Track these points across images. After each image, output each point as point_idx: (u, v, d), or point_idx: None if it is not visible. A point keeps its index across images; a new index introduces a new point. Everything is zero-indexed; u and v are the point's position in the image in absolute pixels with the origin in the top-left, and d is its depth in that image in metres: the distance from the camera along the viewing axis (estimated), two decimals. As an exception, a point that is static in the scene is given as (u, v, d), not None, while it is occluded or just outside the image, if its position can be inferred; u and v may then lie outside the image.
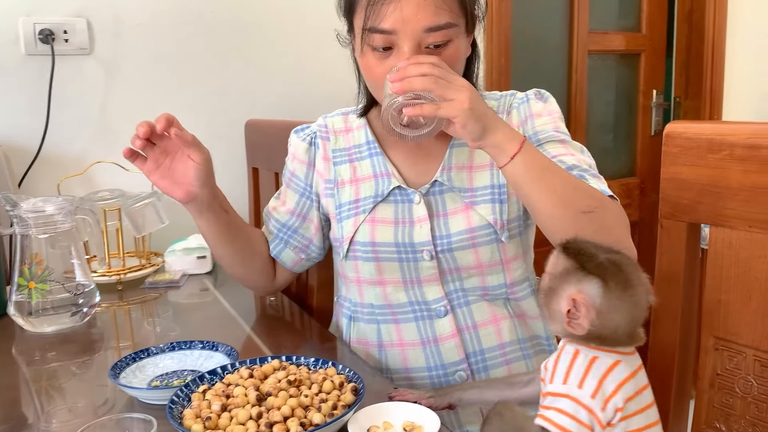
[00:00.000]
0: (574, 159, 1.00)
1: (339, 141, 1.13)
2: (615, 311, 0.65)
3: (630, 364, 0.67)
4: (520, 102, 1.08)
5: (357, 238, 1.06)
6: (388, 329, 1.06)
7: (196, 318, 1.32)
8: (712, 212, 0.84)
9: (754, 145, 0.78)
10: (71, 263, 1.22)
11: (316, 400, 0.79)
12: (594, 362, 0.66)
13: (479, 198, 1.04)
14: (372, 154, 1.09)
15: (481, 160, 1.06)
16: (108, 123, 1.67)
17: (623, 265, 0.66)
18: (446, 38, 0.94)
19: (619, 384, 0.65)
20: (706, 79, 2.59)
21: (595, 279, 0.65)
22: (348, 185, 1.10)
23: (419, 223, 1.04)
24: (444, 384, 1.04)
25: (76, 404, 0.92)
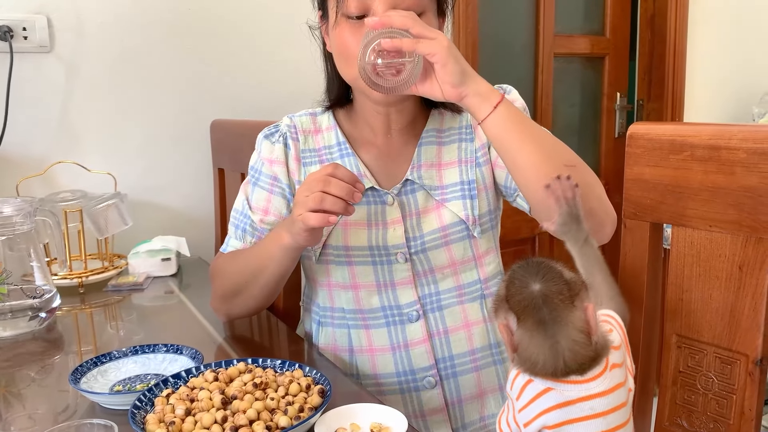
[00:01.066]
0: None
1: (308, 141, 1.11)
2: (532, 348, 0.63)
3: (564, 395, 0.63)
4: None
5: (330, 242, 1.04)
6: (358, 334, 1.05)
7: (160, 321, 1.29)
8: (674, 212, 0.85)
9: (714, 146, 0.79)
10: (30, 266, 1.19)
11: (283, 402, 0.78)
12: (528, 385, 0.65)
13: (449, 195, 1.05)
14: (343, 155, 1.08)
15: (449, 158, 1.06)
16: (69, 123, 1.63)
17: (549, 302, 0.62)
18: (420, 8, 0.94)
19: (540, 413, 0.64)
20: (668, 82, 2.64)
21: (512, 315, 0.63)
22: None
23: (393, 225, 1.03)
24: (413, 389, 1.03)
25: (35, 411, 0.90)
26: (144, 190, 1.72)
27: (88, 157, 1.63)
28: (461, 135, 1.08)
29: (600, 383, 0.64)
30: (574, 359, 0.63)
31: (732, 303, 0.80)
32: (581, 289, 0.64)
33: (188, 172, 1.78)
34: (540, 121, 2.49)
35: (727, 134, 0.78)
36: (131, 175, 1.69)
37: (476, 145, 1.07)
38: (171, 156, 1.76)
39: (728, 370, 0.82)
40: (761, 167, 0.76)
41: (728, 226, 0.80)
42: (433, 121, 1.09)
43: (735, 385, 0.81)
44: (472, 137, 1.08)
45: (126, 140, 1.70)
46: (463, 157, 1.07)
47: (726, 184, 0.79)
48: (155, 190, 1.74)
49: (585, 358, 0.63)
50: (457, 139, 1.08)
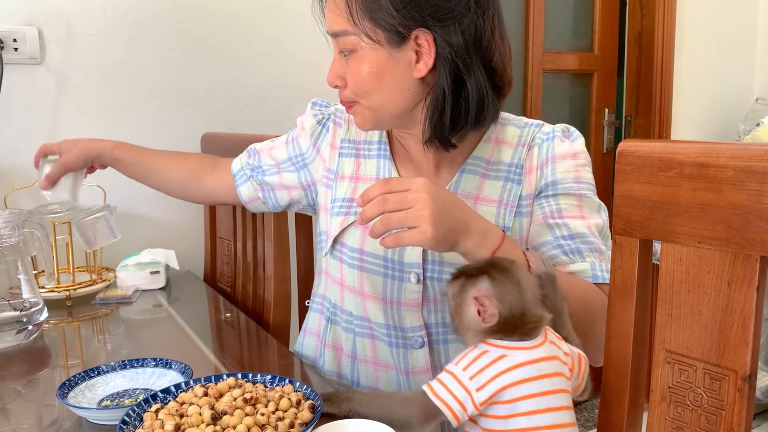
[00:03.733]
0: (582, 224, 0.96)
1: (351, 131, 1.09)
2: (507, 293, 0.77)
3: (515, 359, 0.76)
4: (545, 138, 1.01)
5: (345, 241, 1.02)
6: (363, 343, 1.04)
7: (148, 335, 1.28)
8: (664, 228, 0.86)
9: (702, 164, 0.80)
10: (17, 279, 1.18)
11: (273, 418, 0.78)
12: (482, 355, 0.76)
13: None
14: (380, 155, 1.06)
15: (490, 194, 1.00)
16: (58, 135, 1.63)
17: (495, 260, 0.80)
18: (350, 46, 0.94)
19: (493, 376, 0.75)
20: (655, 99, 2.68)
21: (481, 276, 0.78)
22: (347, 181, 1.06)
23: None
24: None
25: (21, 425, 0.89)
26: (133, 202, 1.71)
27: (78, 169, 1.62)
28: (509, 174, 1.00)
29: (543, 351, 0.78)
30: (534, 297, 0.79)
31: (721, 319, 0.81)
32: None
33: (178, 185, 1.77)
34: (529, 136, 2.51)
35: (715, 152, 0.79)
36: (120, 187, 1.68)
37: (523, 192, 0.99)
38: (161, 168, 1.75)
39: (717, 386, 0.82)
40: (749, 185, 0.77)
41: (717, 243, 0.80)
42: (482, 148, 1.01)
43: (724, 401, 0.81)
44: (520, 180, 1.00)
45: (116, 152, 1.69)
46: (504, 198, 0.99)
47: (714, 202, 0.80)
48: (144, 203, 1.73)
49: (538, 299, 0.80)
50: (504, 177, 1.00)
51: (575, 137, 1.02)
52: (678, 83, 2.71)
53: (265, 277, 1.44)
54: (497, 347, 0.77)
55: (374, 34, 0.91)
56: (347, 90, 0.97)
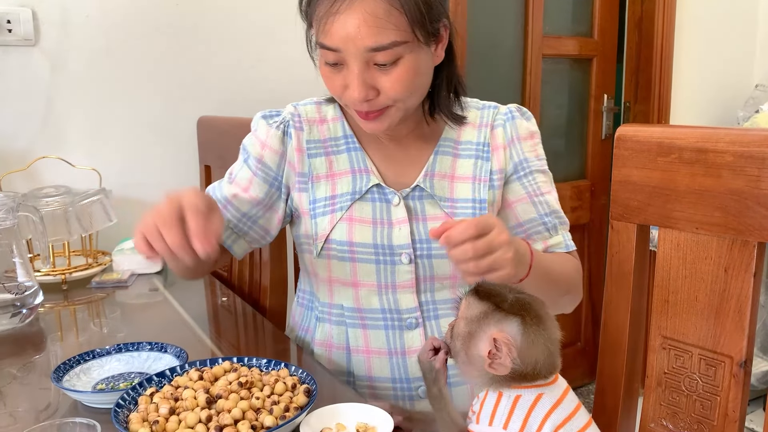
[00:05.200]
0: (553, 198, 1.09)
1: (313, 132, 1.08)
2: (533, 347, 0.67)
3: (553, 394, 0.68)
4: (505, 119, 1.07)
5: (333, 237, 1.02)
6: (355, 334, 1.04)
7: (144, 319, 1.28)
8: (661, 214, 0.85)
9: (701, 149, 0.80)
10: (12, 262, 1.17)
11: (268, 402, 0.78)
12: (518, 401, 0.67)
13: (459, 210, 1.03)
14: (350, 148, 1.06)
15: (464, 172, 1.05)
16: (53, 117, 1.62)
17: (533, 302, 0.70)
18: (394, 57, 0.90)
19: (544, 418, 0.67)
20: (654, 85, 2.66)
21: (513, 317, 0.67)
22: (324, 180, 1.05)
23: (398, 224, 1.02)
24: (407, 398, 1.03)
25: (16, 409, 0.89)
26: (129, 186, 1.70)
27: (73, 152, 1.61)
28: (478, 152, 1.06)
29: (562, 381, 0.70)
30: (557, 353, 0.69)
31: (717, 305, 0.81)
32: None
33: (174, 169, 1.77)
34: (528, 121, 2.50)
35: (714, 137, 0.79)
36: (116, 171, 1.68)
37: (493, 167, 1.05)
38: (157, 152, 1.74)
39: (713, 371, 0.82)
40: (747, 171, 0.76)
41: (714, 229, 0.80)
42: (450, 131, 1.07)
43: (719, 387, 0.81)
44: (488, 157, 1.06)
45: (111, 136, 1.69)
46: (477, 174, 1.05)
47: (712, 187, 0.79)
48: (140, 187, 1.72)
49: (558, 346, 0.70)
50: (474, 155, 1.06)
51: (529, 116, 1.10)
52: (678, 69, 2.69)
53: (261, 262, 1.44)
54: (528, 388, 0.68)
55: (423, 36, 0.93)
56: (382, 98, 0.93)
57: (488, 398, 0.69)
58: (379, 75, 0.92)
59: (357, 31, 0.88)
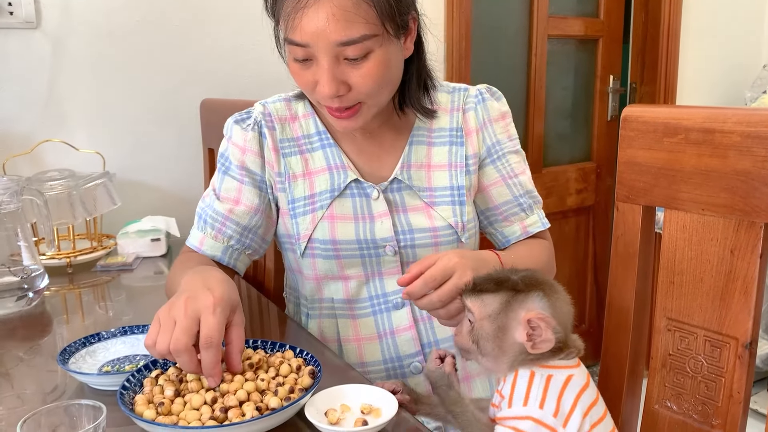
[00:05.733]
0: (527, 179, 1.09)
1: (286, 130, 1.06)
2: (561, 312, 0.69)
3: (582, 376, 0.69)
4: (476, 101, 1.07)
5: (316, 236, 1.02)
6: (345, 324, 1.05)
7: (150, 302, 1.29)
8: (667, 195, 0.85)
9: (708, 130, 0.79)
10: (17, 245, 1.18)
11: (273, 383, 0.78)
12: (550, 381, 0.67)
13: (438, 199, 1.04)
14: (324, 145, 1.05)
15: (440, 160, 1.05)
16: (56, 101, 1.61)
17: (537, 274, 0.71)
18: (365, 51, 0.88)
19: (576, 397, 0.67)
20: (661, 66, 2.64)
21: (534, 293, 0.68)
22: (301, 179, 1.04)
23: (380, 218, 1.02)
24: (399, 376, 1.04)
25: (24, 391, 0.89)
26: (133, 169, 1.70)
27: (76, 135, 1.61)
28: (452, 138, 1.06)
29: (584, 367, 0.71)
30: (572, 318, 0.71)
31: (723, 287, 0.80)
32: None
33: (178, 152, 1.77)
34: (533, 104, 2.48)
35: (721, 117, 0.78)
36: (120, 154, 1.67)
37: (467, 152, 1.06)
38: (160, 135, 1.74)
39: (717, 353, 0.82)
40: (755, 151, 0.75)
41: (720, 210, 0.79)
42: (421, 119, 1.07)
43: (724, 368, 0.81)
44: (462, 142, 1.06)
45: (114, 119, 1.68)
46: (453, 161, 1.05)
47: (719, 168, 0.79)
48: (144, 170, 1.72)
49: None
50: (447, 141, 1.06)
51: (499, 96, 1.09)
52: (684, 50, 2.67)
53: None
54: (559, 368, 0.68)
55: (393, 29, 0.91)
56: (353, 94, 0.92)
57: (519, 380, 0.68)
58: (350, 70, 0.90)
59: (326, 26, 0.86)
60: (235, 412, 0.72)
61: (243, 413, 0.73)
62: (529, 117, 2.50)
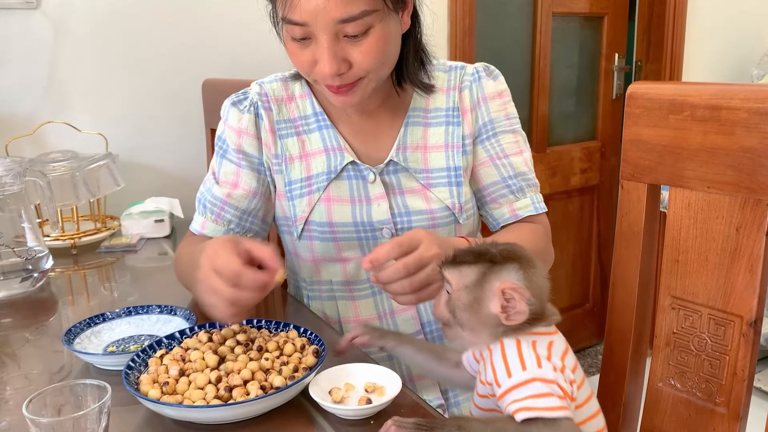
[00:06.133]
0: (521, 160, 1.06)
1: (282, 111, 1.05)
2: (536, 285, 0.69)
3: (561, 342, 0.70)
4: (471, 80, 1.05)
5: (313, 219, 1.02)
6: (346, 306, 1.05)
7: (154, 282, 1.29)
8: (672, 173, 0.84)
9: (714, 106, 0.78)
10: (21, 227, 1.18)
11: (277, 363, 0.78)
12: (536, 345, 0.68)
13: (435, 180, 1.03)
14: (321, 126, 1.04)
15: (436, 141, 1.04)
16: (57, 82, 1.60)
17: (515, 248, 0.71)
18: (365, 27, 0.87)
19: (561, 357, 0.68)
20: (667, 43, 2.61)
21: (510, 265, 0.68)
22: (297, 161, 1.04)
23: (376, 201, 1.01)
24: None
25: (31, 371, 0.90)
26: (135, 150, 1.70)
27: (78, 116, 1.60)
28: (448, 118, 1.05)
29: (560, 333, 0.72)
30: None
31: (728, 265, 0.80)
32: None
33: (180, 133, 1.76)
34: (537, 82, 2.46)
35: (728, 94, 0.77)
36: (122, 135, 1.67)
37: (464, 132, 1.04)
38: (162, 116, 1.73)
39: (722, 331, 0.82)
40: (762, 128, 0.75)
41: (726, 188, 0.79)
42: (418, 99, 1.05)
43: (728, 346, 0.81)
44: (459, 121, 1.05)
45: (116, 100, 1.67)
46: (449, 141, 1.04)
47: (725, 145, 0.78)
48: (147, 151, 1.72)
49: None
50: (444, 122, 1.05)
51: (496, 75, 1.07)
52: (690, 27, 2.63)
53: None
54: (540, 334, 0.69)
55: (392, 3, 0.90)
56: (354, 71, 0.91)
57: (508, 350, 0.69)
58: (350, 47, 0.89)
59: (325, 3, 0.84)
60: (239, 391, 0.73)
61: (247, 392, 0.73)
62: (534, 96, 2.48)
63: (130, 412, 0.76)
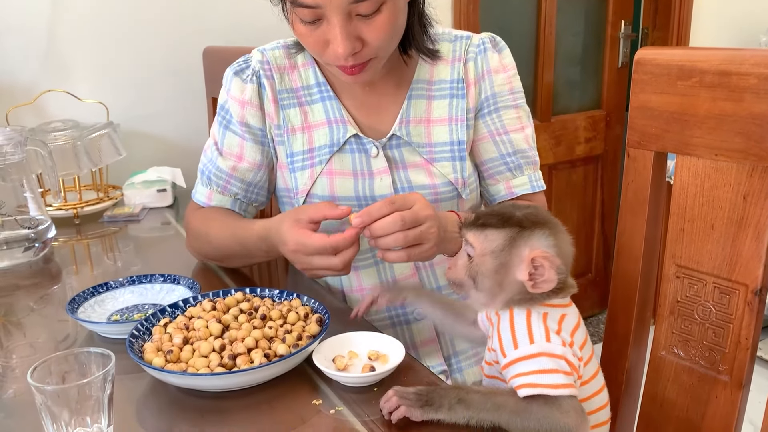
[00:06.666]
0: (522, 137, 1.04)
1: (285, 80, 1.03)
2: (563, 249, 0.68)
3: (574, 316, 0.69)
4: (477, 51, 1.03)
5: (315, 192, 1.01)
6: (349, 276, 1.05)
7: (158, 252, 1.29)
8: (679, 141, 0.83)
9: (724, 72, 0.76)
10: (24, 197, 1.18)
11: (281, 331, 0.78)
12: (546, 318, 0.67)
13: (438, 155, 1.01)
14: (324, 98, 1.02)
15: (440, 114, 1.02)
16: (57, 50, 1.59)
17: (539, 211, 0.70)
18: (377, 4, 0.85)
19: (571, 332, 0.67)
20: (674, 10, 2.57)
21: (539, 231, 0.66)
22: (299, 132, 1.02)
23: (379, 175, 1.00)
24: (404, 323, 1.04)
25: (36, 339, 0.90)
26: (137, 119, 1.69)
27: (78, 85, 1.59)
28: (453, 90, 1.03)
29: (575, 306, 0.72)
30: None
31: (734, 233, 0.79)
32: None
33: (181, 102, 1.75)
34: (543, 50, 2.43)
35: (738, 59, 0.75)
36: (123, 104, 1.66)
37: (468, 105, 1.02)
38: (163, 85, 1.72)
39: (727, 300, 0.81)
40: (772, 94, 0.73)
41: (734, 155, 0.78)
42: (422, 71, 1.03)
43: (732, 315, 0.81)
44: (463, 94, 1.03)
45: (117, 68, 1.66)
46: (454, 114, 1.02)
47: (734, 112, 0.77)
48: (148, 120, 1.71)
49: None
50: (448, 94, 1.03)
51: (502, 47, 1.05)
52: (699, -7, 2.60)
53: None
54: (552, 306, 0.68)
55: None
56: (366, 50, 0.89)
57: (517, 319, 0.68)
58: (362, 25, 0.87)
59: None
60: (243, 358, 0.73)
61: (251, 360, 0.73)
62: (539, 64, 2.45)
63: (134, 380, 0.76)
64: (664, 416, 0.89)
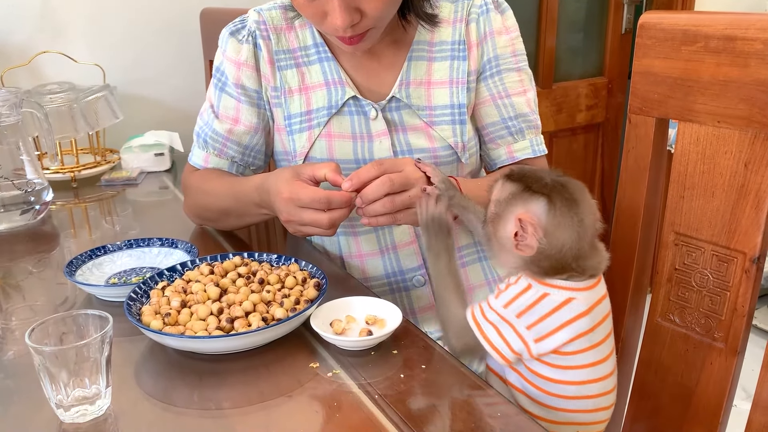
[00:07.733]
0: (524, 101, 1.03)
1: (281, 41, 1.02)
2: (560, 229, 0.67)
3: (586, 301, 0.68)
4: (479, 12, 1.01)
5: (313, 155, 1.00)
6: (348, 241, 1.05)
7: (155, 216, 1.29)
8: (682, 107, 0.82)
9: (730, 37, 0.75)
10: (20, 160, 1.17)
11: (279, 295, 0.79)
12: (543, 299, 0.67)
13: (438, 118, 1.00)
14: (322, 58, 1.01)
15: (440, 76, 1.01)
16: (52, 10, 1.56)
17: (569, 185, 0.68)
18: None
19: (566, 321, 0.67)
20: (680, -25, 2.52)
21: (540, 197, 0.67)
22: (297, 94, 1.01)
23: (378, 138, 0.99)
24: (402, 289, 1.04)
25: (35, 302, 0.91)
26: (133, 82, 1.67)
27: (74, 47, 1.56)
28: (454, 52, 1.01)
29: (600, 289, 0.71)
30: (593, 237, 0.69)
31: (734, 201, 0.79)
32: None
33: (178, 64, 1.72)
34: (545, 17, 2.39)
35: (744, 24, 0.74)
36: (119, 66, 1.63)
37: (469, 67, 1.01)
38: (160, 47, 1.69)
39: (724, 267, 0.82)
40: (777, 60, 0.72)
41: (737, 122, 0.77)
42: (423, 32, 1.01)
43: (730, 283, 0.81)
44: (465, 56, 1.01)
45: (113, 30, 1.63)
46: (454, 77, 1.01)
47: (739, 77, 0.75)
48: (145, 83, 1.69)
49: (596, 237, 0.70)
50: (449, 56, 1.01)
51: (505, 8, 1.04)
52: (706, -43, 2.55)
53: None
54: (560, 288, 0.68)
55: None
56: (365, 21, 0.88)
57: (517, 285, 0.70)
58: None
59: None
60: (241, 322, 0.73)
61: (249, 323, 0.73)
62: (541, 30, 2.42)
63: (132, 342, 0.77)
64: (658, 382, 0.90)
